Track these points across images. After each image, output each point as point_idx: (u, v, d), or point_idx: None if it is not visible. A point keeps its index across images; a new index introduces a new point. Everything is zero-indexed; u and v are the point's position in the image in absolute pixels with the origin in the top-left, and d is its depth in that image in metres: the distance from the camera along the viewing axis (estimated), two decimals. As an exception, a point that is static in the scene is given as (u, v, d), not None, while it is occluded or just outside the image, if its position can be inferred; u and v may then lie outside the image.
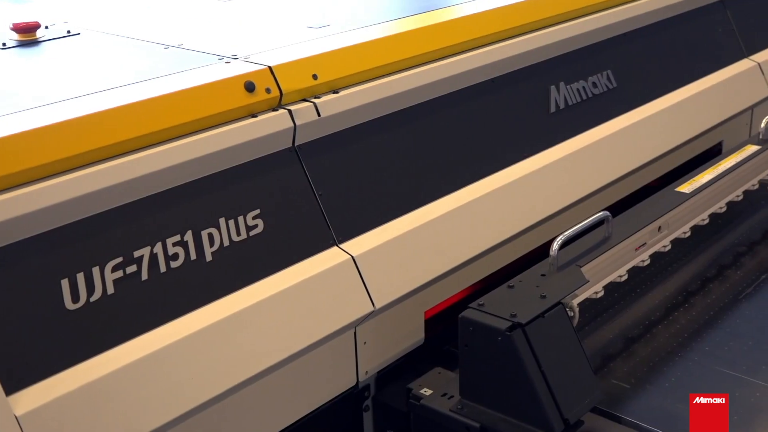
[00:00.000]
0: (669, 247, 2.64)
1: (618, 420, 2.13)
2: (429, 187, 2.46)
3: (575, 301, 2.23)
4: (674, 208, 2.61)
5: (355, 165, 2.32)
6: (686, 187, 2.71)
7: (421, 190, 2.44)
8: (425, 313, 2.44)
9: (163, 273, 1.94)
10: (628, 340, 2.45)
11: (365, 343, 2.28)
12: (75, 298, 1.82)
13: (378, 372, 2.36)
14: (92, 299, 1.83)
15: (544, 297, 2.11)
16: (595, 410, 2.11)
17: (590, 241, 2.37)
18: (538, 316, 2.04)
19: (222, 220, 2.04)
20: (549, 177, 2.72)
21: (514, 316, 2.02)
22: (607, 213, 2.40)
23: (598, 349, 2.41)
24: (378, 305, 2.22)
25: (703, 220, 2.78)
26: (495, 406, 2.05)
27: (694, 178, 2.76)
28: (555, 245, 2.24)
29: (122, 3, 3.16)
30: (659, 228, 2.56)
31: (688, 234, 2.71)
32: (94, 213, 1.86)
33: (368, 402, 2.38)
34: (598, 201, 2.88)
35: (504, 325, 2.00)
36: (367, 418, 2.39)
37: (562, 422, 1.98)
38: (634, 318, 2.54)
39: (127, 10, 3.05)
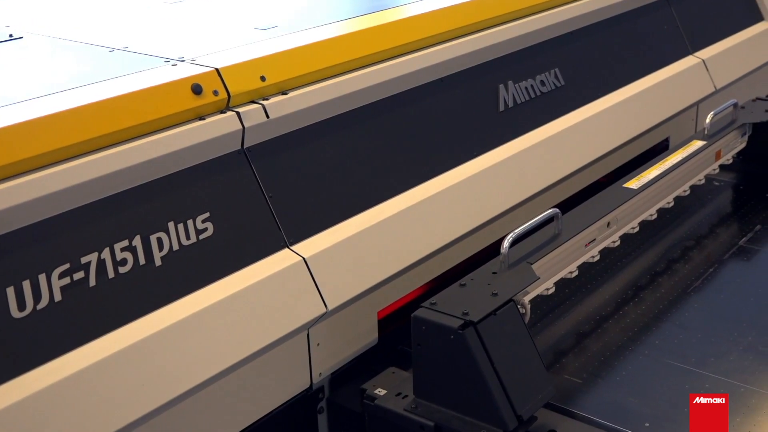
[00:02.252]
0: (618, 243, 2.67)
1: (571, 415, 2.15)
2: (380, 187, 2.46)
3: (527, 298, 2.24)
4: (623, 204, 2.63)
5: (305, 166, 2.32)
6: (634, 183, 2.73)
7: (372, 191, 2.44)
8: (378, 313, 2.44)
9: (112, 279, 1.92)
10: (580, 336, 2.47)
11: (318, 344, 2.27)
12: (21, 306, 1.79)
13: (332, 373, 2.36)
14: (39, 307, 1.81)
15: (495, 295, 2.12)
16: (548, 406, 2.12)
17: (540, 239, 2.38)
18: (489, 314, 2.05)
19: (171, 224, 2.02)
20: (499, 175, 2.74)
21: (466, 314, 2.03)
22: (557, 210, 2.41)
23: (550, 345, 2.43)
24: (330, 306, 2.22)
25: (651, 215, 2.81)
26: (449, 404, 2.05)
27: (641, 174, 2.79)
28: (505, 243, 2.24)
29: (66, 6, 3.12)
30: (608, 224, 2.58)
31: (637, 229, 2.74)
32: (39, 219, 1.84)
33: (322, 404, 2.38)
34: (547, 198, 2.91)
35: (456, 323, 2.01)
36: (322, 420, 2.39)
37: (515, 419, 1.99)
38: (586, 313, 2.57)
39: (71, 13, 3.01)
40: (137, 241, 1.96)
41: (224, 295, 2.05)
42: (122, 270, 1.94)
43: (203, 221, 2.08)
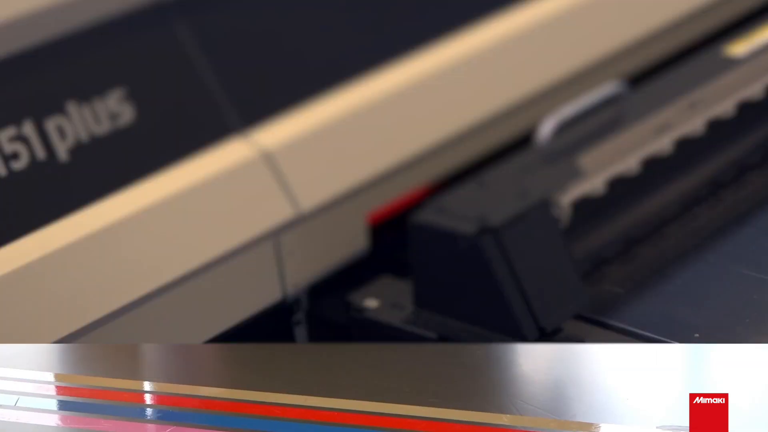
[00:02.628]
0: (702, 131, 2.48)
1: (605, 326, 2.15)
2: (369, 50, 2.35)
3: (566, 199, 2.18)
4: (715, 78, 2.47)
5: (261, 22, 2.21)
6: (740, 49, 2.55)
7: (358, 56, 2.33)
8: (368, 216, 2.36)
9: (3, 178, 1.87)
10: (630, 242, 2.38)
11: (292, 253, 2.23)
12: None
13: (310, 285, 2.32)
14: None
15: (525, 193, 2.10)
16: (578, 318, 2.13)
17: (593, 124, 2.30)
18: (515, 219, 2.03)
19: (72, 105, 1.95)
20: (538, 36, 2.55)
21: (484, 217, 2.01)
22: (619, 84, 2.32)
23: (591, 251, 2.36)
24: (304, 208, 2.17)
25: (756, 94, 2.57)
26: (456, 315, 2.09)
27: (752, 35, 2.62)
28: (545, 127, 2.20)
29: None
30: (691, 105, 2.43)
31: (732, 114, 2.53)
32: None
33: (299, 316, 2.36)
34: (607, 72, 2.66)
35: (471, 229, 1.99)
36: (300, 332, 2.39)
37: (536, 330, 2.02)
38: (643, 216, 2.46)
39: None
40: (29, 130, 1.90)
41: (157, 196, 2.01)
42: (16, 166, 1.89)
43: (119, 101, 2.00)
